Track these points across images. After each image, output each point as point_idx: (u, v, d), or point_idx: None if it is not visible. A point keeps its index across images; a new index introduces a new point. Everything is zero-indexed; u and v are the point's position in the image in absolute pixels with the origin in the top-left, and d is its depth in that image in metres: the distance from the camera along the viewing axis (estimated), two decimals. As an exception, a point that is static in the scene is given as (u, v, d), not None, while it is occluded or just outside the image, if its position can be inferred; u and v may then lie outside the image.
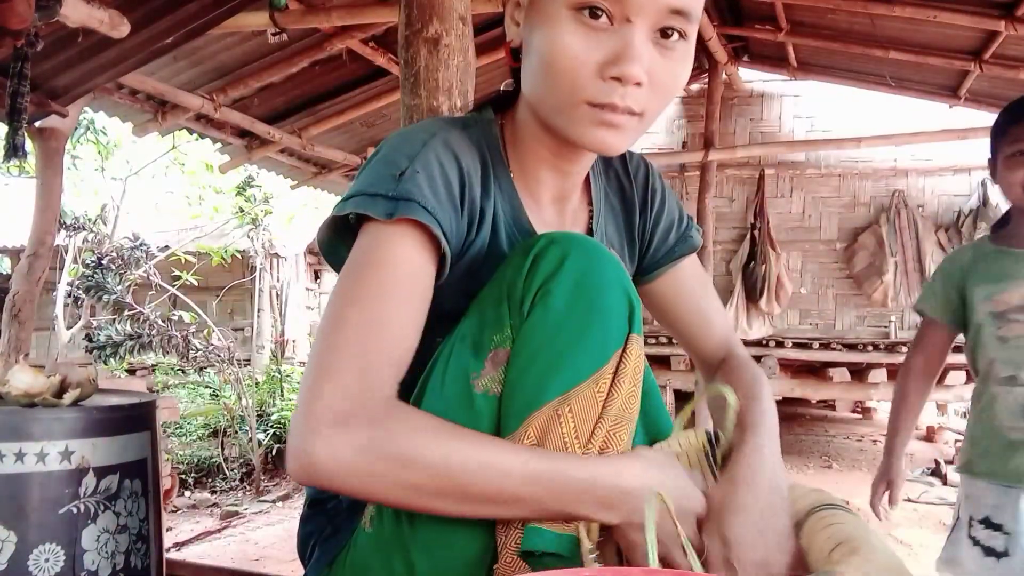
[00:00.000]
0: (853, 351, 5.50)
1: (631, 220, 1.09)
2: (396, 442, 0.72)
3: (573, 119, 0.83)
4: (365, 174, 0.85)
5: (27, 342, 3.66)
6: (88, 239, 7.85)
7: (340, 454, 0.71)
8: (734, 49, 5.89)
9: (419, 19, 1.79)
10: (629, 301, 0.81)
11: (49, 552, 1.06)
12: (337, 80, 4.77)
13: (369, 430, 0.72)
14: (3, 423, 1.07)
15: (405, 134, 0.88)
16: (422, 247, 0.81)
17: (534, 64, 0.85)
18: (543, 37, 0.82)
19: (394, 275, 0.79)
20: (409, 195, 0.80)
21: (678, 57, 0.83)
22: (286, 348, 9.70)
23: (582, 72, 0.80)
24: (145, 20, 2.78)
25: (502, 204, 0.93)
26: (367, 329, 0.77)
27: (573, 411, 0.77)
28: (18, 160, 2.67)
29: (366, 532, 0.86)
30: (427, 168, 0.83)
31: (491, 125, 0.96)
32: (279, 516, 4.47)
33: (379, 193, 0.81)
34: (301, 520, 0.99)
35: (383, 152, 0.86)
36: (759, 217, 6.12)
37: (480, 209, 0.89)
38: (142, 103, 4.28)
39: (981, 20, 3.81)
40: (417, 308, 0.81)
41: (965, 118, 5.49)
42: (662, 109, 0.87)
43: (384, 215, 0.79)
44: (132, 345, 5.92)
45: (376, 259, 0.80)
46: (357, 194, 0.82)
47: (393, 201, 0.79)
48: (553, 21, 0.81)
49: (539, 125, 0.91)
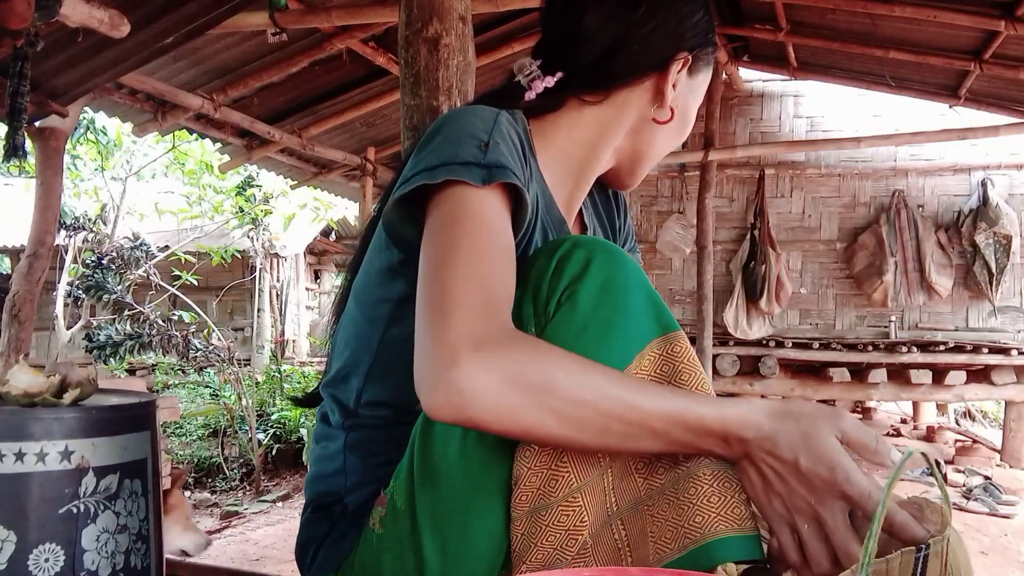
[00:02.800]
0: (853, 351, 5.51)
1: (614, 224, 1.19)
2: (540, 368, 0.70)
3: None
4: (441, 147, 0.85)
5: (27, 342, 3.66)
6: (88, 239, 7.85)
7: (489, 381, 0.68)
8: (734, 49, 5.89)
9: (419, 19, 1.79)
10: (654, 303, 0.82)
11: (49, 552, 1.06)
12: (337, 80, 4.77)
13: (512, 354, 0.70)
14: (3, 423, 1.07)
15: (472, 111, 0.92)
16: (507, 210, 0.84)
17: (676, 126, 1.04)
18: (690, 107, 1.06)
19: (492, 228, 0.80)
20: (500, 163, 0.83)
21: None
22: (286, 348, 9.70)
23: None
24: (145, 20, 2.78)
25: (538, 188, 0.98)
26: (479, 266, 0.76)
27: None
28: (18, 160, 2.67)
29: (376, 533, 0.86)
30: (504, 140, 0.88)
31: (523, 122, 0.99)
32: (279, 516, 4.46)
33: (471, 161, 0.83)
34: (302, 525, 0.99)
35: (457, 126, 0.88)
36: (759, 217, 6.12)
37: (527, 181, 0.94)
38: (142, 103, 4.28)
39: (981, 20, 3.81)
40: (512, 260, 0.81)
41: (965, 118, 5.49)
42: None
43: (480, 181, 0.81)
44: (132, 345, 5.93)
45: (473, 214, 0.80)
46: (445, 164, 0.82)
47: (487, 168, 0.82)
48: (698, 99, 1.07)
49: (594, 154, 1.04)
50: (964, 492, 3.99)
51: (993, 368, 5.40)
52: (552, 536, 0.77)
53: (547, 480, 0.77)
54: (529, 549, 0.77)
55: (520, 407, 0.69)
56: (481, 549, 0.80)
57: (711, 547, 0.71)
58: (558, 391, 0.70)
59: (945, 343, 5.44)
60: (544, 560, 0.77)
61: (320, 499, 0.97)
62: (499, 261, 0.78)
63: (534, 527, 0.77)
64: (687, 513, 0.73)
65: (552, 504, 0.77)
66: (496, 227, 0.81)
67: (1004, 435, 5.58)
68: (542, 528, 0.77)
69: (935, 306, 5.91)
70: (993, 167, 5.85)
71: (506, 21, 4.60)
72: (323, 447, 1.00)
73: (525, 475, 0.78)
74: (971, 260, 5.74)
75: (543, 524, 0.77)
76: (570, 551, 0.77)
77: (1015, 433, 5.47)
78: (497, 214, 0.82)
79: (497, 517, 0.79)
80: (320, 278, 13.36)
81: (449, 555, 0.80)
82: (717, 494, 0.73)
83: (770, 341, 5.76)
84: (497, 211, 0.82)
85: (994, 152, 5.82)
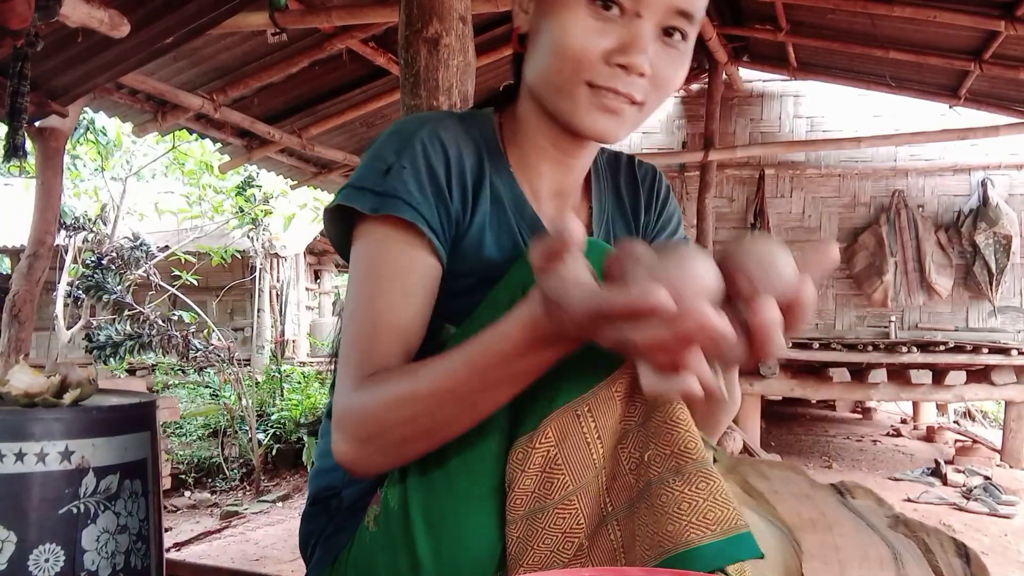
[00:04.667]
0: (853, 351, 5.50)
1: (638, 220, 1.09)
2: (370, 417, 0.77)
3: (575, 100, 0.86)
4: (358, 168, 0.89)
5: (27, 342, 3.66)
6: (88, 239, 7.84)
7: (348, 451, 0.79)
8: (734, 49, 5.89)
9: (419, 19, 1.79)
10: None
11: (49, 552, 1.06)
12: (337, 80, 4.78)
13: (354, 416, 0.78)
14: (3, 423, 1.07)
15: (396, 128, 0.91)
16: (414, 239, 0.84)
17: (542, 47, 0.87)
18: (555, 22, 0.85)
19: (389, 271, 0.84)
20: (395, 191, 0.84)
21: (679, 56, 0.87)
22: (286, 348, 9.70)
23: (589, 55, 0.83)
24: (145, 20, 2.78)
25: (505, 191, 0.94)
26: (367, 329, 0.82)
27: (593, 412, 0.76)
28: (18, 160, 2.67)
29: (370, 531, 0.86)
30: (414, 162, 0.86)
31: (489, 119, 0.98)
32: (279, 516, 4.46)
33: (366, 187, 0.85)
34: (303, 518, 1.00)
35: (375, 146, 0.89)
36: (759, 217, 6.12)
37: (474, 189, 0.91)
38: (142, 103, 4.28)
39: (981, 20, 3.82)
40: (417, 301, 0.84)
41: (965, 118, 5.49)
42: (658, 105, 0.90)
43: (370, 209, 0.83)
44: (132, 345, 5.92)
45: (371, 257, 0.85)
46: (347, 187, 0.87)
47: (379, 196, 0.84)
48: (566, 8, 0.84)
49: (540, 113, 0.93)
50: (964, 492, 3.99)
51: (993, 368, 5.40)
52: (549, 539, 0.77)
53: (541, 483, 0.77)
54: (525, 552, 0.77)
55: (375, 456, 0.79)
56: (475, 552, 0.80)
57: (685, 557, 0.68)
58: (387, 430, 0.77)
59: (945, 343, 5.43)
60: (541, 562, 0.77)
61: (320, 493, 0.98)
62: (394, 312, 0.82)
63: (530, 530, 0.77)
64: (661, 520, 0.70)
65: (548, 507, 0.77)
66: (393, 268, 0.84)
67: (1004, 435, 5.58)
68: (538, 531, 0.77)
69: (935, 306, 5.91)
70: (993, 167, 5.85)
71: (506, 21, 4.60)
72: (325, 442, 1.00)
73: (519, 478, 0.77)
74: (971, 260, 5.74)
75: (539, 527, 0.77)
76: (567, 553, 0.77)
77: (1015, 433, 5.47)
78: (394, 249, 0.84)
79: (491, 520, 0.79)
80: (320, 278, 13.34)
81: (443, 557, 0.80)
82: (688, 500, 0.69)
83: (770, 341, 5.75)
84: (393, 245, 0.84)
85: (994, 152, 5.82)
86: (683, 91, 6.46)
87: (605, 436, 0.77)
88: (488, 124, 0.97)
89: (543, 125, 0.94)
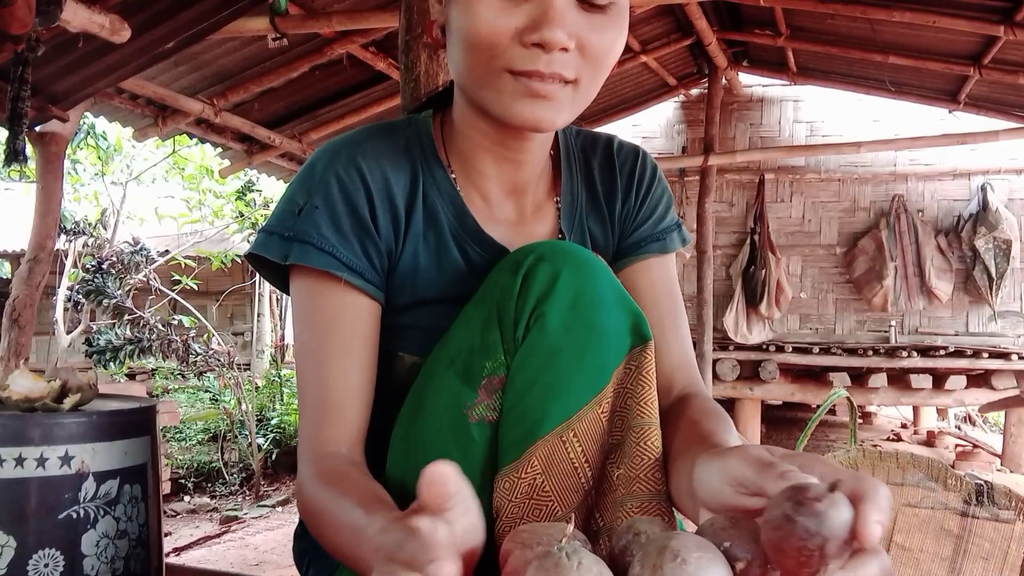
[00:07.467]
0: (853, 356, 5.51)
1: (613, 211, 0.98)
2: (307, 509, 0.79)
3: (499, 91, 0.77)
4: (273, 209, 0.86)
5: (27, 346, 3.66)
6: (88, 243, 7.85)
7: (304, 518, 0.83)
8: (734, 54, 5.90)
9: (419, 24, 1.79)
10: (630, 313, 0.78)
11: (48, 557, 1.06)
12: (337, 85, 4.78)
13: (300, 497, 0.81)
14: (3, 428, 1.07)
15: (311, 161, 0.85)
16: (334, 285, 0.81)
17: (455, 38, 0.79)
18: (463, 7, 0.76)
19: (320, 329, 0.82)
20: (305, 236, 0.80)
21: (607, 21, 0.77)
22: (286, 353, 9.69)
23: (501, 38, 0.75)
24: (145, 25, 2.79)
25: (443, 205, 0.88)
26: (316, 397, 0.82)
27: (578, 435, 0.75)
28: (19, 165, 2.67)
29: None
30: (328, 199, 0.82)
31: (425, 124, 0.91)
32: (279, 521, 4.46)
33: (275, 232, 0.82)
34: (295, 535, 0.98)
35: (290, 184, 0.86)
36: (759, 222, 6.12)
37: (407, 213, 0.86)
38: (142, 108, 4.29)
39: (980, 25, 3.82)
40: (356, 354, 0.83)
41: (965, 123, 5.50)
42: (599, 79, 0.81)
43: (280, 258, 0.81)
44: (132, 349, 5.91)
45: (302, 309, 0.83)
46: (260, 231, 0.84)
47: (288, 243, 0.81)
48: (470, 10, 0.75)
49: (473, 109, 0.85)
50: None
51: (993, 373, 5.40)
52: None
53: (530, 510, 0.75)
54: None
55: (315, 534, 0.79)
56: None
57: None
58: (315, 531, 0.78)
59: (945, 348, 5.44)
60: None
61: None
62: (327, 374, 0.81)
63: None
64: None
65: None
66: (321, 319, 0.82)
67: (1004, 440, 5.58)
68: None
69: (935, 311, 5.91)
70: (993, 172, 5.86)
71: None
72: None
73: (506, 508, 0.75)
74: (971, 265, 5.74)
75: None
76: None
77: (1015, 438, 5.47)
78: (322, 302, 0.82)
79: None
80: (320, 282, 13.34)
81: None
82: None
83: (770, 346, 5.75)
84: (320, 298, 0.82)
85: (994, 157, 5.83)
86: (683, 96, 6.47)
87: (592, 456, 0.76)
88: (425, 130, 0.91)
89: (478, 122, 0.85)
